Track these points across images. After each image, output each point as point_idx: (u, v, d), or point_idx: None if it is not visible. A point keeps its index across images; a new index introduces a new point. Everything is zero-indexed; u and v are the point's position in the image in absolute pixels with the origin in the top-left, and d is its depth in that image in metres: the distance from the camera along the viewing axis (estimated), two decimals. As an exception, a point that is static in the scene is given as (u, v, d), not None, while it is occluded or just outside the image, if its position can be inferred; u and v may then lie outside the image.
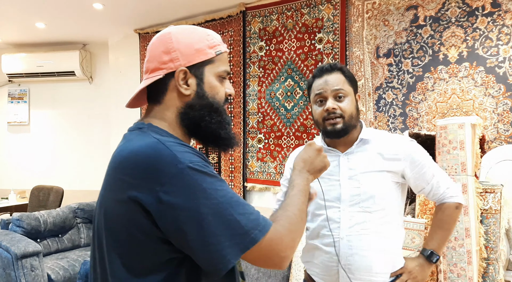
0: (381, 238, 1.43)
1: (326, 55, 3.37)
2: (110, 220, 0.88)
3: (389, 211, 1.45)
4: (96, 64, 5.62)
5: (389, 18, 3.03)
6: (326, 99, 1.47)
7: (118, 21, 4.54)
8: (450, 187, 1.51)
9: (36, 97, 5.85)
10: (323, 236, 1.48)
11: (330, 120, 1.46)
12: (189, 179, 0.81)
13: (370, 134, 1.51)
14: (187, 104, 0.95)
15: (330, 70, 1.49)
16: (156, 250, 0.84)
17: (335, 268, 1.45)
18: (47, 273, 3.15)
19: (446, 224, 1.51)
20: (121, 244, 0.86)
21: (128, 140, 0.92)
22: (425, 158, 1.49)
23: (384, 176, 1.45)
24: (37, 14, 4.30)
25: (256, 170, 3.85)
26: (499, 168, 2.44)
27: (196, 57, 0.94)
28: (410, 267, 1.49)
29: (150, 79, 0.94)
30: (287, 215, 0.91)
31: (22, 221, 3.41)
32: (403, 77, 2.97)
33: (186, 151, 0.85)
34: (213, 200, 0.81)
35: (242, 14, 3.85)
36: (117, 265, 0.86)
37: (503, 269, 2.35)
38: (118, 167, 0.88)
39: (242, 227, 0.81)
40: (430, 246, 1.51)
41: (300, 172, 1.10)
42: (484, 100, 2.62)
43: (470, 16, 2.69)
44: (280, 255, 0.85)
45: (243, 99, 3.90)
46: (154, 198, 0.80)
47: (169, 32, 0.96)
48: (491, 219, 2.34)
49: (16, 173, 5.82)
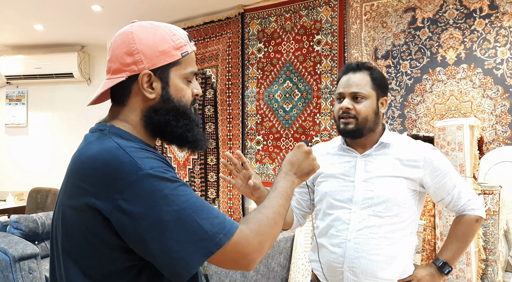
0: (390, 243, 1.40)
1: (324, 57, 3.37)
2: (67, 226, 0.85)
3: (403, 218, 1.41)
4: (94, 66, 5.62)
5: (387, 20, 3.04)
6: (344, 98, 1.46)
7: (116, 23, 4.54)
8: (472, 199, 1.47)
9: (34, 99, 5.84)
10: (331, 236, 1.46)
11: (344, 119, 1.45)
12: (149, 186, 0.78)
13: (392, 139, 1.48)
14: (152, 108, 0.91)
15: (356, 69, 1.47)
16: (115, 257, 0.82)
17: (340, 269, 1.43)
18: (45, 275, 3.14)
19: (464, 236, 1.47)
20: (79, 251, 0.83)
21: (87, 143, 0.89)
22: (447, 167, 1.45)
23: (401, 182, 1.41)
24: (36, 16, 4.29)
25: (254, 171, 3.85)
26: (498, 169, 2.44)
27: (161, 59, 0.89)
28: (419, 276, 1.45)
29: (113, 80, 0.90)
30: (259, 217, 0.89)
31: (20, 223, 3.40)
32: (401, 78, 2.98)
33: (146, 157, 0.83)
34: (175, 206, 0.79)
35: (241, 16, 3.86)
36: (73, 272, 0.83)
37: (501, 271, 2.36)
38: (75, 172, 0.86)
39: (206, 232, 0.79)
40: (444, 257, 1.47)
41: (286, 174, 1.08)
42: (482, 102, 2.63)
43: (468, 18, 2.70)
44: (247, 258, 0.84)
45: (242, 101, 3.90)
46: (114, 206, 0.78)
47: (132, 31, 0.90)
48: (490, 221, 2.35)
49: (14, 175, 5.80)
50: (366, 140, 1.48)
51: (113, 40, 0.93)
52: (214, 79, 4.11)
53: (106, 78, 0.93)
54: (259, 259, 0.86)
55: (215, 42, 4.09)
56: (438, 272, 1.46)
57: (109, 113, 0.96)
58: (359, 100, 1.44)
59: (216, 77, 4.09)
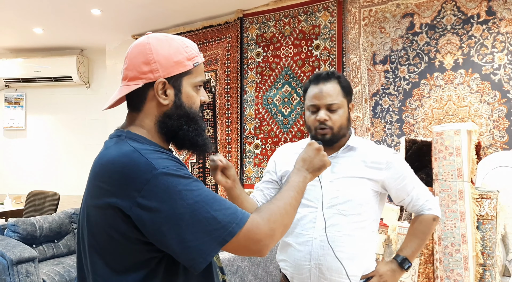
0: (354, 241, 1.47)
1: (323, 62, 3.39)
2: (92, 224, 0.93)
3: (365, 217, 1.49)
4: (93, 69, 5.62)
5: (385, 25, 3.06)
6: (319, 109, 1.51)
7: (115, 27, 4.55)
8: (429, 200, 1.56)
9: (32, 102, 5.84)
10: (297, 235, 1.51)
11: (321, 130, 1.50)
12: (164, 183, 0.86)
13: (357, 142, 1.56)
14: (165, 113, 0.99)
15: (326, 79, 1.52)
16: (136, 250, 0.89)
17: (307, 267, 1.48)
18: (43, 279, 3.13)
19: (422, 234, 1.56)
20: (103, 246, 0.91)
21: (106, 148, 0.98)
22: (407, 170, 1.55)
23: (364, 183, 1.49)
24: (35, 19, 4.30)
25: (253, 175, 3.85)
26: (495, 174, 2.45)
27: (175, 69, 0.98)
28: (381, 271, 1.52)
29: (129, 87, 0.98)
30: (270, 207, 0.97)
31: (18, 226, 3.39)
32: (399, 83, 2.99)
33: (160, 158, 0.90)
34: (189, 200, 0.86)
35: (240, 20, 3.88)
36: (99, 265, 0.92)
37: (499, 275, 2.36)
38: (97, 174, 0.93)
39: (219, 222, 0.86)
40: (404, 253, 1.55)
41: (299, 170, 1.16)
42: (479, 107, 2.64)
43: (465, 24, 2.72)
44: (259, 244, 0.90)
45: (240, 105, 3.91)
46: (133, 203, 0.85)
47: (149, 42, 0.99)
48: (487, 225, 2.35)
49: (11, 178, 5.79)
50: (335, 144, 1.55)
51: (130, 50, 1.01)
52: (213, 83, 4.13)
53: (122, 85, 1.00)
54: (272, 245, 0.93)
55: (214, 46, 4.11)
56: (399, 267, 1.54)
57: (126, 119, 1.04)
58: (334, 111, 1.50)
59: (215, 81, 4.11)
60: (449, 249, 2.38)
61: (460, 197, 2.38)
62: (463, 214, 2.36)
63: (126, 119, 1.04)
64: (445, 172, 2.44)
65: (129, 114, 1.04)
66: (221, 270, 1.12)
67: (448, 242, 2.39)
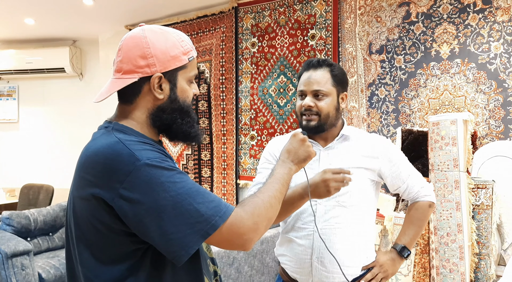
0: (354, 232, 1.47)
1: (319, 52, 3.36)
2: (77, 215, 0.94)
3: (363, 207, 1.50)
4: (86, 61, 5.56)
5: (381, 15, 3.03)
6: (306, 95, 1.50)
7: (108, 18, 4.49)
8: (424, 187, 1.57)
9: (25, 94, 5.78)
10: (298, 229, 1.51)
11: (306, 116, 1.49)
12: (147, 175, 0.85)
13: (351, 132, 1.55)
14: (159, 107, 0.99)
15: (317, 66, 1.51)
16: (120, 242, 0.90)
17: (308, 261, 1.47)
18: (38, 272, 3.12)
19: (419, 221, 1.57)
20: (88, 237, 0.92)
21: (93, 139, 0.98)
22: (401, 158, 1.56)
23: (362, 173, 1.50)
24: (26, 10, 4.23)
25: (249, 166, 3.84)
26: (491, 163, 2.45)
27: (172, 63, 0.98)
28: (381, 261, 1.53)
29: (125, 80, 0.96)
30: (254, 200, 0.96)
31: (12, 219, 3.37)
32: (395, 73, 2.98)
33: (144, 149, 0.90)
34: (171, 192, 0.86)
35: (234, 10, 3.83)
36: (86, 256, 0.92)
37: (494, 264, 2.37)
38: (82, 165, 0.94)
39: (202, 215, 0.86)
40: (402, 241, 1.55)
41: (284, 162, 1.15)
42: (475, 97, 2.63)
43: (461, 13, 2.70)
44: (242, 238, 0.90)
45: (236, 96, 3.88)
46: (115, 195, 0.86)
47: (145, 36, 0.97)
48: (483, 215, 2.36)
49: (5, 171, 5.74)
50: (328, 134, 1.54)
51: (124, 42, 0.99)
52: (207, 74, 4.09)
53: (116, 78, 0.99)
54: (255, 239, 0.93)
55: (208, 36, 4.07)
56: (398, 256, 1.55)
57: (116, 111, 1.03)
58: (320, 98, 1.48)
59: (210, 72, 4.07)
60: (445, 239, 2.39)
61: (456, 187, 2.38)
62: (459, 204, 2.36)
63: (116, 111, 1.03)
64: (441, 162, 2.44)
65: (119, 106, 1.03)
66: (212, 261, 1.12)
67: (444, 232, 2.40)
